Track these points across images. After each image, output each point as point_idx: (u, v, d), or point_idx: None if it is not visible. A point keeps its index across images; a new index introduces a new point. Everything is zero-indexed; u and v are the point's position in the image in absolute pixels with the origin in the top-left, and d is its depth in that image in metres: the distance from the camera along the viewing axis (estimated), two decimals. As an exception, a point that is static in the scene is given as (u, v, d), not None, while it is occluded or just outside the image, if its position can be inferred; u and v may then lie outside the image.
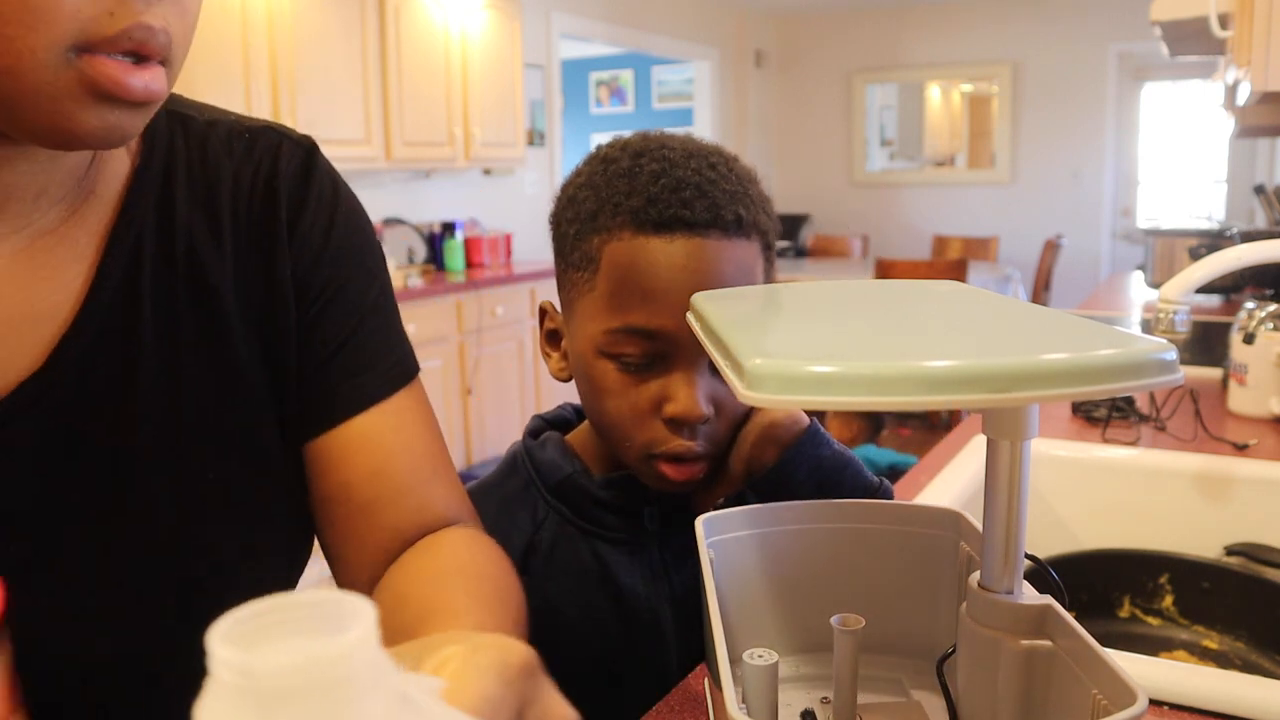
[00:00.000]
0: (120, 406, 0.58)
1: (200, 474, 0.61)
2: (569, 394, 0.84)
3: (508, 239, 4.75)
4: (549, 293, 4.23)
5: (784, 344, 0.53)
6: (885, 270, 4.37)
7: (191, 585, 0.60)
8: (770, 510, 0.70)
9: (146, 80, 0.49)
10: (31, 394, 0.55)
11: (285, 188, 0.64)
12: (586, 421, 0.85)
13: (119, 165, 0.60)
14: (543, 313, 0.84)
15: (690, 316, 0.64)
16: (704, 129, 6.81)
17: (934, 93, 7.44)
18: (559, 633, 0.81)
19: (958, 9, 6.92)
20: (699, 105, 6.82)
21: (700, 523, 0.67)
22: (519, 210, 5.13)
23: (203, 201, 0.62)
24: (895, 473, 2.98)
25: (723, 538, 0.68)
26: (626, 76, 8.04)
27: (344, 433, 0.64)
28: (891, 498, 0.81)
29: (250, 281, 0.63)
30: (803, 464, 0.78)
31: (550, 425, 0.88)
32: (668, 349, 0.73)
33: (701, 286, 0.70)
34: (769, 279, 0.79)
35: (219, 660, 0.24)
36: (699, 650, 0.76)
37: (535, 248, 5.23)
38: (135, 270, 0.59)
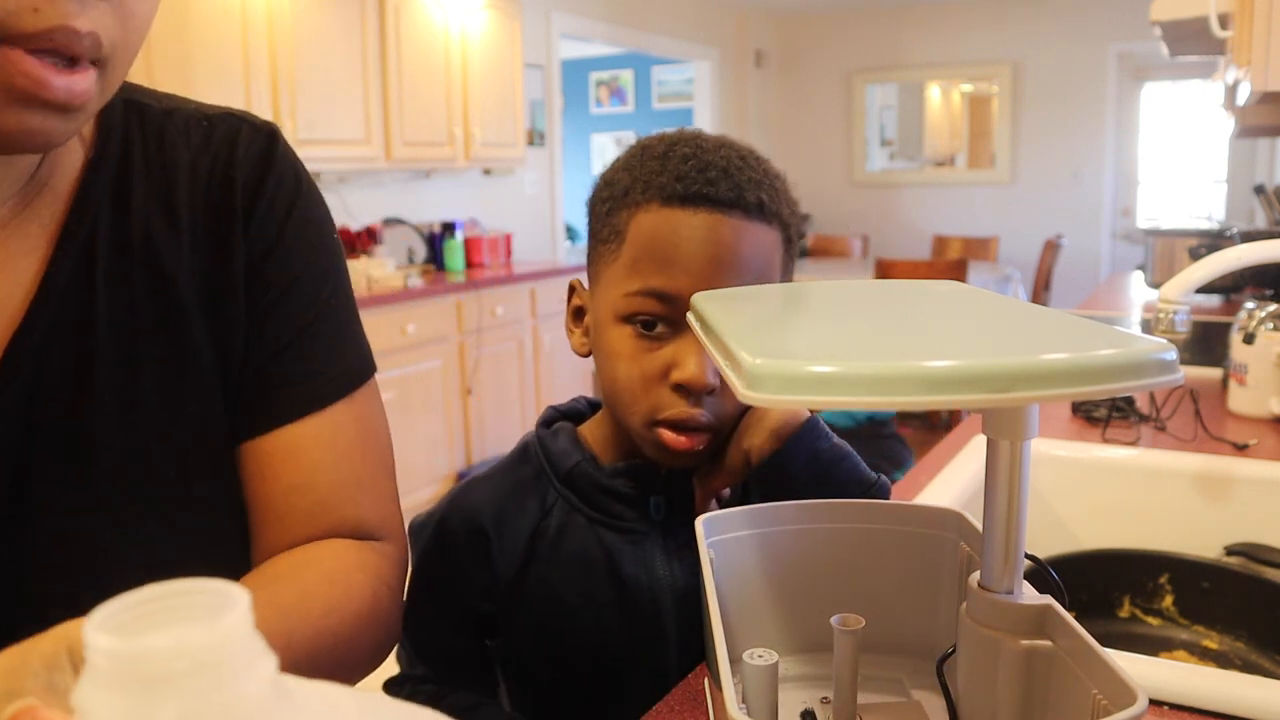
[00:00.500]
0: (76, 399, 0.57)
1: (157, 464, 0.60)
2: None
3: (508, 239, 4.75)
4: (549, 292, 4.19)
5: (784, 344, 0.53)
6: (885, 270, 4.37)
7: (147, 574, 0.59)
8: (770, 510, 0.70)
9: (69, 83, 0.47)
10: None
11: (242, 175, 0.63)
12: (599, 413, 0.88)
13: (73, 157, 0.59)
14: (571, 289, 0.88)
15: (690, 316, 0.64)
16: (704, 129, 6.80)
17: (934, 93, 7.44)
18: (560, 620, 0.82)
19: (958, 9, 6.92)
20: (699, 105, 6.82)
21: (700, 523, 0.67)
22: (519, 210, 5.13)
23: (159, 190, 0.61)
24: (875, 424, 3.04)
25: (723, 538, 0.68)
26: (626, 76, 8.04)
27: (273, 440, 0.63)
28: (888, 493, 0.82)
29: (207, 270, 0.61)
30: (801, 454, 0.79)
31: (563, 416, 0.90)
32: (680, 317, 0.75)
33: (720, 260, 0.75)
34: (788, 272, 0.82)
35: (95, 648, 0.25)
36: (699, 645, 0.76)
37: (535, 248, 5.22)
38: (89, 261, 0.58)
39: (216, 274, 0.62)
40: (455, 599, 0.84)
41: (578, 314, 0.86)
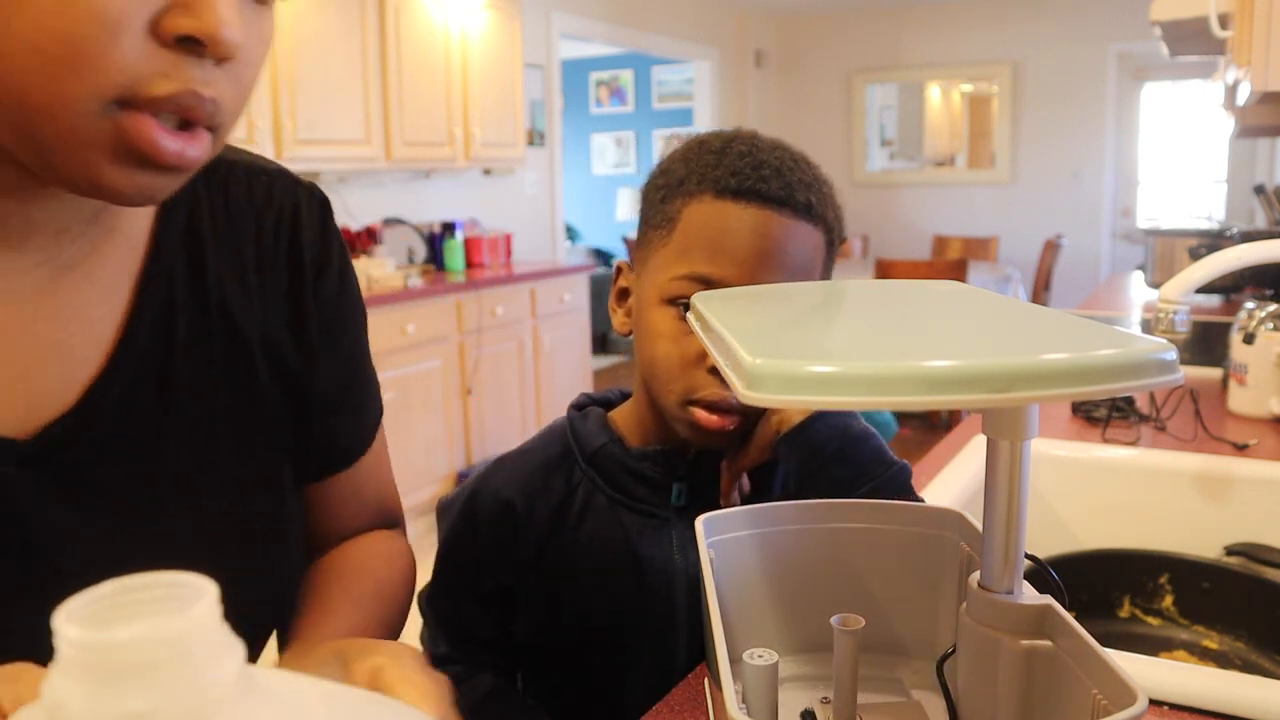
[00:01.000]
0: (151, 451, 0.58)
1: (225, 513, 0.63)
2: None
3: (508, 239, 4.75)
4: (549, 293, 4.19)
5: (784, 344, 0.53)
6: (885, 270, 4.37)
7: None
8: (770, 510, 0.70)
9: (184, 145, 0.48)
10: (61, 435, 0.54)
11: (309, 240, 0.66)
12: (631, 399, 0.91)
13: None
14: (618, 271, 0.91)
15: (691, 317, 0.64)
16: (704, 129, 6.79)
17: (934, 93, 7.44)
18: (576, 599, 0.85)
19: (958, 9, 6.92)
20: (699, 105, 6.82)
21: (700, 523, 0.67)
22: (519, 210, 5.13)
23: (229, 244, 0.63)
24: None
25: (723, 538, 0.68)
26: (626, 76, 8.04)
27: (341, 475, 0.73)
28: (909, 475, 0.83)
29: (273, 326, 0.65)
30: (828, 426, 0.82)
31: (595, 403, 0.94)
32: None
33: (766, 254, 0.78)
34: (826, 274, 0.85)
35: (65, 638, 0.26)
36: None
37: (535, 247, 5.22)
38: (169, 313, 0.59)
39: (284, 332, 0.65)
40: (482, 574, 0.87)
41: (622, 294, 0.90)
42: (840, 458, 0.81)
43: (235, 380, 0.62)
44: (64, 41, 0.43)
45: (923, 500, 0.84)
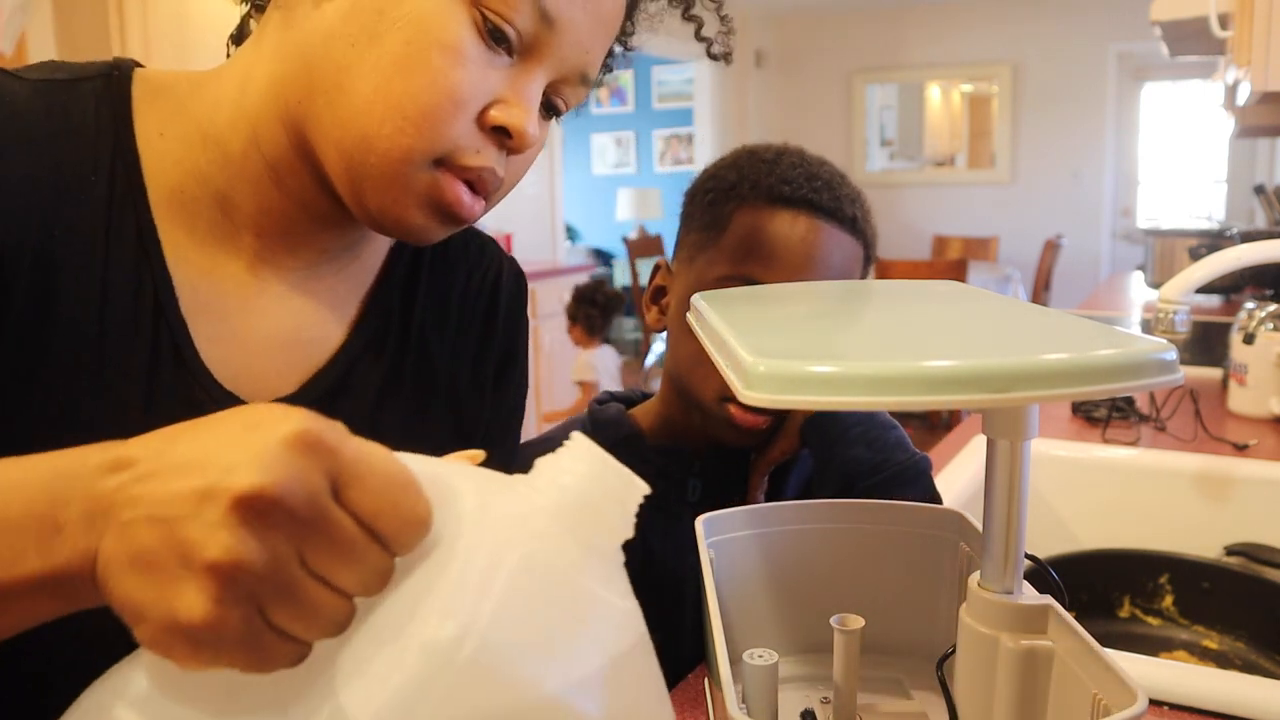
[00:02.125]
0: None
1: None
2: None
3: (508, 239, 4.75)
4: (549, 293, 4.18)
5: (784, 344, 0.53)
6: (885, 270, 4.37)
7: None
8: (770, 510, 0.70)
9: (476, 209, 0.59)
10: (290, 399, 0.62)
11: (504, 301, 0.77)
12: (654, 397, 0.94)
13: (381, 241, 0.69)
14: (656, 268, 0.94)
15: (690, 317, 0.64)
16: (704, 129, 6.80)
17: (934, 93, 7.43)
18: None
19: (958, 9, 6.91)
20: (699, 105, 6.82)
21: (700, 523, 0.67)
22: (519, 210, 5.13)
23: (439, 288, 0.72)
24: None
25: (723, 538, 0.68)
26: (626, 76, 8.03)
27: None
28: (929, 466, 0.85)
29: (460, 369, 0.72)
30: (856, 412, 0.84)
31: (615, 399, 0.96)
32: None
33: (813, 261, 0.82)
34: None
35: None
36: None
37: (535, 247, 5.22)
38: (382, 335, 0.68)
39: (467, 374, 0.72)
40: None
41: (658, 293, 0.93)
42: (865, 440, 0.83)
43: (417, 400, 0.69)
44: (418, 109, 0.54)
45: (939, 494, 0.86)
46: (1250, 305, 1.56)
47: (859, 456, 0.82)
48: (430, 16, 0.54)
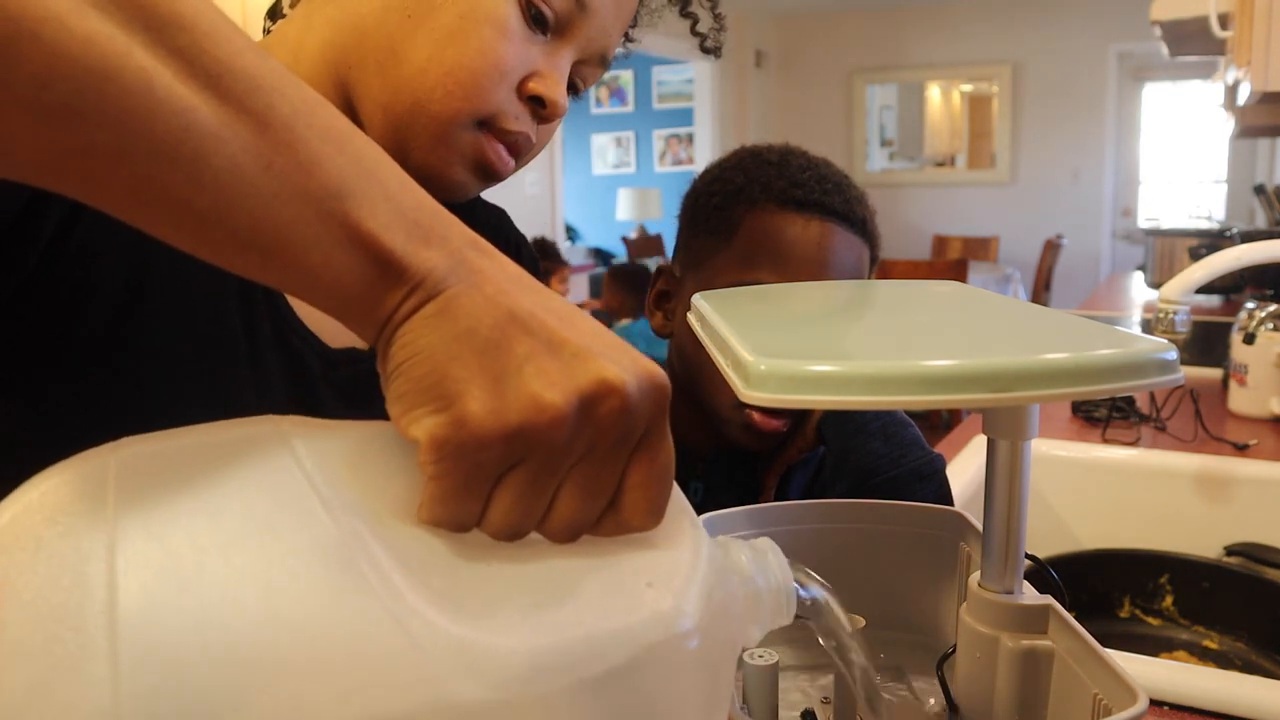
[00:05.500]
0: None
1: None
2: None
3: (508, 239, 4.75)
4: (549, 292, 4.22)
5: (784, 344, 0.53)
6: (886, 270, 4.37)
7: None
8: (770, 510, 0.70)
9: (511, 167, 0.64)
10: (354, 353, 0.66)
11: (524, 255, 0.82)
12: None
13: None
14: (659, 272, 0.93)
15: (690, 316, 0.64)
16: (704, 129, 6.80)
17: (934, 93, 7.43)
18: None
19: (958, 9, 6.91)
20: (699, 105, 6.82)
21: (700, 522, 0.67)
22: (519, 210, 5.10)
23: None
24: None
25: (722, 538, 0.68)
26: (626, 76, 8.03)
27: None
28: (943, 464, 0.86)
29: None
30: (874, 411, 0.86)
31: None
32: None
33: (826, 264, 0.82)
34: None
35: None
36: None
37: (535, 247, 5.22)
38: None
39: None
40: None
41: (662, 297, 0.92)
42: (883, 434, 0.84)
43: None
44: (469, 75, 0.59)
45: (951, 494, 0.86)
46: (1250, 305, 1.56)
47: (877, 450, 0.82)
48: None
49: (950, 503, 0.87)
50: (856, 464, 0.83)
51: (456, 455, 0.33)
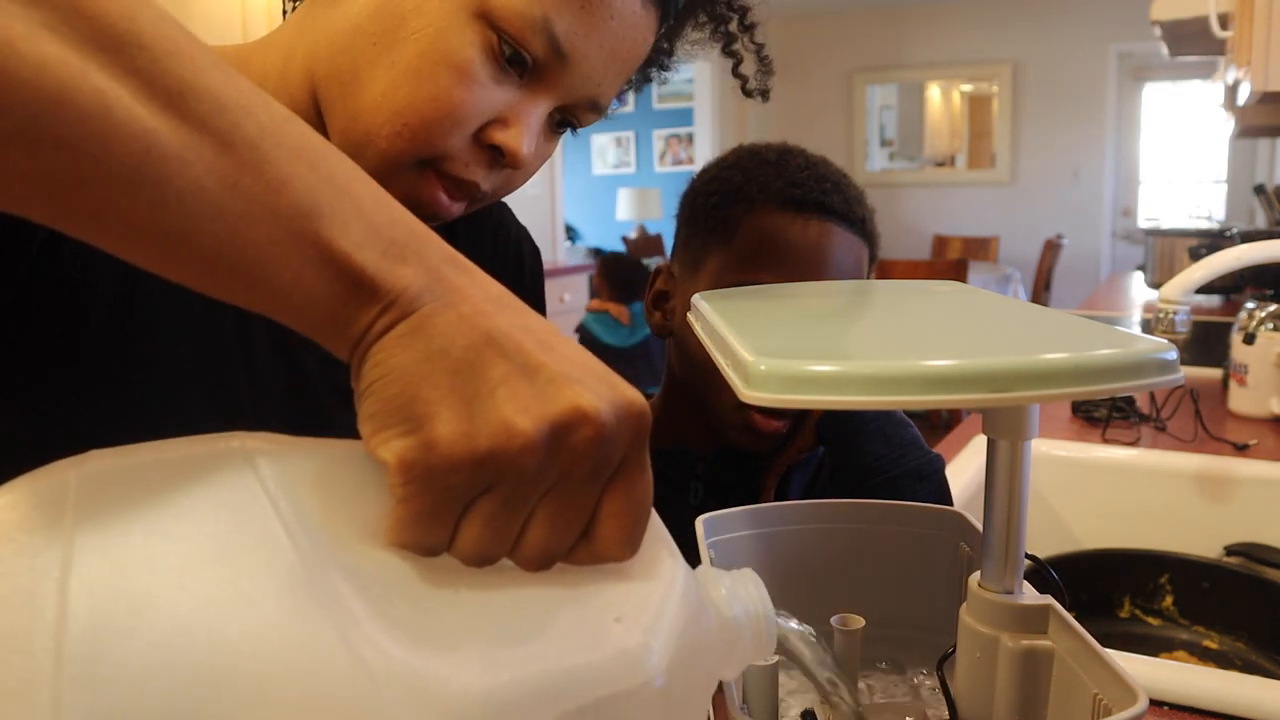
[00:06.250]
0: None
1: None
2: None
3: (508, 239, 4.75)
4: (550, 292, 4.21)
5: (784, 344, 0.53)
6: (885, 270, 4.37)
7: None
8: (770, 510, 0.70)
9: (454, 210, 0.61)
10: None
11: (528, 272, 0.84)
12: (654, 399, 0.94)
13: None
14: (657, 273, 0.92)
15: (690, 316, 0.64)
16: (704, 129, 6.80)
17: (934, 93, 7.43)
18: None
19: (958, 9, 6.91)
20: (699, 105, 6.82)
21: (700, 523, 0.67)
22: (519, 210, 5.08)
23: (473, 242, 0.75)
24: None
25: (722, 538, 0.68)
26: (626, 76, 8.03)
27: None
28: (942, 464, 0.85)
29: None
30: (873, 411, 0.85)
31: None
32: None
33: (826, 265, 0.81)
34: None
35: None
36: None
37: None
38: None
39: None
40: None
41: (660, 297, 0.91)
42: (882, 435, 0.83)
43: None
44: (419, 119, 0.55)
45: (950, 494, 0.86)
46: (1250, 305, 1.56)
47: (876, 451, 0.82)
48: (445, 33, 0.55)
49: (949, 503, 0.86)
50: (856, 464, 0.83)
51: (425, 479, 0.32)
